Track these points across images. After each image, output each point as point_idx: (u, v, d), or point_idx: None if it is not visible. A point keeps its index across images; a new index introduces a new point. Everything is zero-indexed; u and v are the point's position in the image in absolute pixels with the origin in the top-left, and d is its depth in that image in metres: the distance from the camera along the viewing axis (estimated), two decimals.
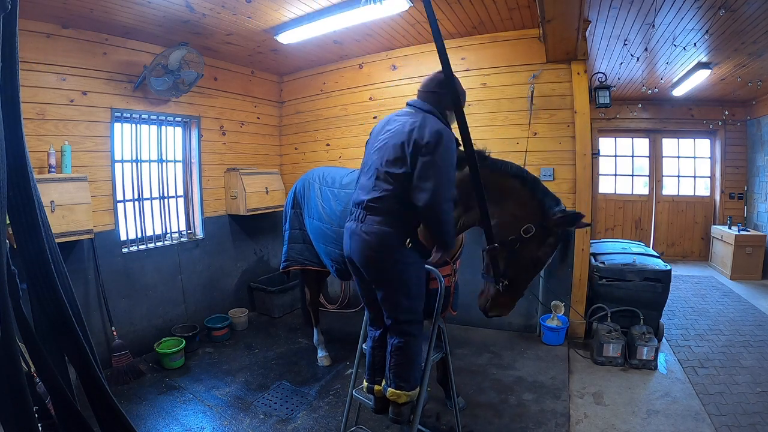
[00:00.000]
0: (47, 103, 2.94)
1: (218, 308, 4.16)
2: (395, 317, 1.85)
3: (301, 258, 3.14)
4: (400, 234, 1.78)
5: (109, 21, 3.03)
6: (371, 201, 1.80)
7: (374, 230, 1.78)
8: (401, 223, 1.79)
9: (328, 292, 4.72)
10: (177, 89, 3.55)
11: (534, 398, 2.77)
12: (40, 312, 0.81)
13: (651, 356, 3.12)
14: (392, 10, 3.11)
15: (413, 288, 1.84)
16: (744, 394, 2.75)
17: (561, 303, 3.60)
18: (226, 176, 4.30)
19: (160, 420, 2.60)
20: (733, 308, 4.45)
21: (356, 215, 1.87)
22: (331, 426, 2.52)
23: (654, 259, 3.64)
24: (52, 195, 2.68)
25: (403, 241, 1.78)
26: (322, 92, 4.69)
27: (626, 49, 4.05)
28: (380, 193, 1.79)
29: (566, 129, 3.59)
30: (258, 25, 3.35)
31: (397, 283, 1.81)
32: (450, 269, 2.33)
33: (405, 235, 1.79)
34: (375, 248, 1.78)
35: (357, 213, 1.87)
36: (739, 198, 6.37)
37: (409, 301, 1.84)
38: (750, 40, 3.66)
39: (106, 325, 3.23)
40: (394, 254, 1.78)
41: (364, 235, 1.80)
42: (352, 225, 1.88)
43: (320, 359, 3.32)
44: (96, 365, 0.83)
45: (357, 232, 1.83)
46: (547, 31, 2.95)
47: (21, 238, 0.78)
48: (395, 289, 1.82)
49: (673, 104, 6.42)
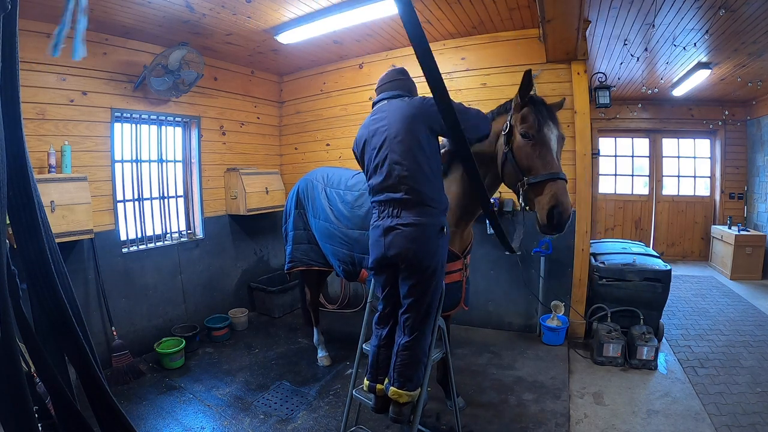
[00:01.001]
0: (47, 103, 2.94)
1: (218, 308, 4.16)
2: (416, 311, 1.87)
3: (306, 258, 3.13)
4: (436, 223, 1.85)
5: (109, 21, 3.03)
6: (403, 194, 1.84)
7: (414, 221, 1.82)
8: (435, 212, 1.85)
9: (328, 292, 4.72)
10: (177, 89, 3.55)
11: (534, 398, 2.77)
12: (40, 312, 0.81)
13: (651, 356, 3.12)
14: (392, 10, 3.11)
15: (440, 279, 1.90)
16: (744, 394, 2.75)
17: (561, 303, 3.60)
18: (226, 176, 4.30)
19: (160, 420, 2.60)
20: (733, 308, 4.45)
21: (388, 212, 1.89)
22: (331, 426, 2.52)
23: (654, 259, 3.64)
24: (52, 195, 2.68)
25: (440, 229, 1.85)
26: (322, 92, 4.69)
27: (626, 49, 4.05)
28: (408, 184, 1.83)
29: (566, 129, 3.55)
30: (258, 25, 3.35)
31: (430, 273, 1.84)
32: (461, 264, 2.29)
33: (441, 222, 1.86)
34: (416, 239, 1.82)
35: (389, 210, 1.89)
36: (739, 198, 6.37)
37: (433, 294, 1.88)
38: (750, 40, 3.66)
39: (106, 325, 3.23)
40: (433, 243, 1.84)
41: (404, 227, 1.83)
42: (387, 221, 1.88)
43: (320, 359, 3.33)
44: (96, 365, 0.83)
45: (394, 226, 1.85)
46: (547, 31, 2.95)
47: (21, 238, 0.78)
48: (426, 281, 1.85)
49: (673, 104, 6.42)
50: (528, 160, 1.91)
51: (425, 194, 1.83)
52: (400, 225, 1.84)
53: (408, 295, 1.89)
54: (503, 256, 3.84)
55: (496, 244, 3.84)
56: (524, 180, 1.91)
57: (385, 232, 1.88)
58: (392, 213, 1.87)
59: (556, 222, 1.83)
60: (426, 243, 1.83)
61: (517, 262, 3.78)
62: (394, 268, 1.91)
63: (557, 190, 1.83)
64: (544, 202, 1.85)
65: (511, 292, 3.88)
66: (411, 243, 1.82)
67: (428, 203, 1.84)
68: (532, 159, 1.90)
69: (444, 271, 1.94)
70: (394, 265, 1.89)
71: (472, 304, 3.85)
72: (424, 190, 1.83)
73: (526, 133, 1.91)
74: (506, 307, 3.93)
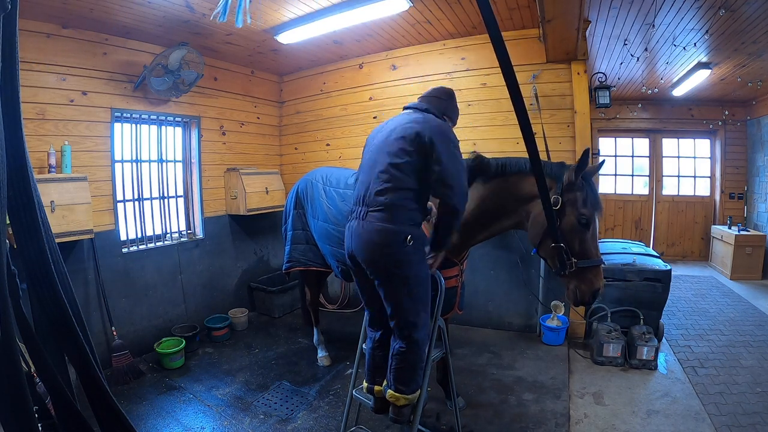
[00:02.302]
0: (47, 103, 2.94)
1: (218, 308, 4.16)
2: (398, 319, 1.83)
3: (304, 259, 3.13)
4: (402, 231, 1.77)
5: (109, 21, 3.03)
6: (374, 195, 1.80)
7: (377, 227, 1.77)
8: (403, 220, 1.78)
9: (328, 292, 4.72)
10: (177, 89, 3.55)
11: (534, 398, 2.77)
12: (40, 312, 0.81)
13: (651, 356, 3.12)
14: (392, 10, 3.11)
15: (415, 288, 1.81)
16: (744, 394, 2.75)
17: (561, 303, 3.60)
18: (226, 176, 4.30)
19: (160, 420, 2.60)
20: (733, 308, 4.45)
21: (357, 213, 1.87)
22: (331, 426, 2.52)
23: (654, 259, 3.64)
24: (52, 195, 2.68)
25: (405, 238, 1.77)
26: (322, 92, 4.69)
27: (626, 49, 4.05)
28: (381, 186, 1.79)
29: (566, 129, 3.59)
30: (258, 25, 3.35)
31: (399, 281, 1.80)
32: (457, 270, 2.34)
33: (407, 231, 1.78)
34: (378, 246, 1.77)
35: (358, 211, 1.87)
36: (739, 198, 6.37)
37: (412, 302, 1.81)
38: (750, 40, 3.66)
39: (106, 325, 3.23)
40: (396, 252, 1.76)
41: (366, 233, 1.80)
42: (354, 223, 1.88)
43: (320, 359, 3.32)
44: (96, 365, 0.83)
45: (359, 230, 1.83)
46: (547, 31, 2.95)
47: (21, 238, 0.78)
48: (397, 289, 1.80)
49: (673, 104, 6.42)
50: (581, 245, 1.98)
51: (394, 203, 1.78)
52: (363, 228, 1.81)
53: (386, 302, 1.86)
54: (503, 256, 3.85)
55: (496, 244, 3.84)
56: (573, 261, 1.97)
57: (352, 234, 1.88)
58: (359, 214, 1.86)
59: (592, 300, 2.03)
60: (386, 249, 1.77)
61: (517, 262, 3.78)
62: (363, 270, 1.89)
63: (601, 276, 2.01)
64: (589, 286, 2.00)
65: (511, 292, 3.88)
66: (372, 248, 1.79)
67: (395, 211, 1.78)
68: (585, 245, 1.99)
69: (424, 281, 1.86)
70: (363, 267, 1.88)
71: (472, 304, 3.87)
72: (394, 199, 1.78)
73: (587, 222, 1.97)
74: (506, 307, 3.93)
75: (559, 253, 1.98)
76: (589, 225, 1.97)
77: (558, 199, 1.97)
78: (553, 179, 2.03)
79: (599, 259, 2.00)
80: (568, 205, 1.97)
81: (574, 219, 1.96)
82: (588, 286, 1.99)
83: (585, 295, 2.00)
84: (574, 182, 1.97)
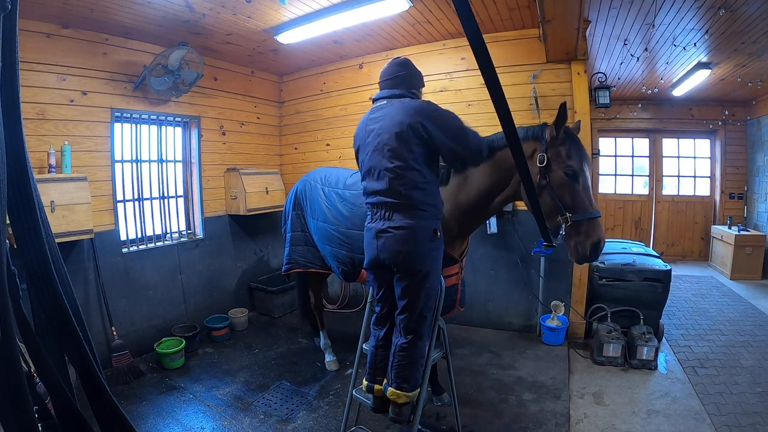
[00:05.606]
0: (47, 103, 2.94)
1: (218, 308, 4.16)
2: (410, 313, 1.87)
3: (304, 260, 3.12)
4: (429, 227, 1.85)
5: (109, 21, 3.03)
6: (394, 199, 1.84)
7: (405, 224, 1.83)
8: (427, 216, 1.86)
9: (328, 292, 4.72)
10: (177, 89, 3.55)
11: (534, 398, 2.77)
12: (40, 312, 0.81)
13: (651, 356, 3.12)
14: (392, 10, 3.11)
15: (433, 282, 1.89)
16: (744, 394, 2.75)
17: (561, 303, 3.60)
18: (226, 176, 4.30)
19: (160, 420, 2.60)
20: (733, 308, 4.45)
21: (381, 215, 1.89)
22: (331, 426, 2.52)
23: (654, 259, 3.64)
24: (52, 195, 2.68)
25: (432, 233, 1.85)
26: (322, 92, 4.69)
27: (626, 49, 4.05)
28: (400, 189, 1.83)
29: None
30: (258, 25, 3.35)
31: (422, 277, 1.85)
32: (457, 267, 2.33)
33: (433, 226, 1.86)
34: (407, 242, 1.82)
35: (381, 212, 1.89)
36: (739, 198, 6.37)
37: (426, 296, 1.88)
38: (750, 40, 3.66)
39: (106, 325, 3.23)
40: (425, 247, 1.84)
41: (395, 231, 1.84)
42: (378, 224, 1.89)
43: (328, 364, 3.28)
44: (96, 365, 0.83)
45: (386, 229, 1.86)
46: (547, 31, 2.95)
47: (21, 238, 0.77)
48: (419, 284, 1.85)
49: (673, 104, 6.42)
50: (573, 198, 1.95)
51: (417, 199, 1.83)
52: (391, 228, 1.84)
53: (402, 297, 1.89)
54: (503, 256, 3.85)
55: (496, 244, 3.85)
56: (567, 216, 1.93)
57: (377, 235, 1.89)
58: (384, 216, 1.88)
59: (595, 255, 1.96)
60: (417, 246, 1.83)
61: (517, 262, 3.78)
62: (387, 269, 1.92)
63: (600, 228, 1.95)
64: (588, 239, 1.94)
65: (511, 292, 3.88)
66: (402, 246, 1.82)
67: (420, 207, 1.84)
68: (576, 198, 1.95)
69: (439, 275, 1.94)
70: (388, 266, 1.90)
71: (472, 304, 3.87)
72: (415, 195, 1.83)
73: (573, 173, 1.93)
74: (506, 307, 3.93)
75: (549, 206, 1.95)
76: (578, 177, 1.93)
77: (543, 156, 1.95)
78: (536, 140, 2.01)
79: (595, 210, 1.95)
80: (554, 161, 1.95)
81: (562, 172, 1.94)
82: (586, 238, 1.92)
83: (586, 249, 1.93)
84: (557, 137, 1.96)
